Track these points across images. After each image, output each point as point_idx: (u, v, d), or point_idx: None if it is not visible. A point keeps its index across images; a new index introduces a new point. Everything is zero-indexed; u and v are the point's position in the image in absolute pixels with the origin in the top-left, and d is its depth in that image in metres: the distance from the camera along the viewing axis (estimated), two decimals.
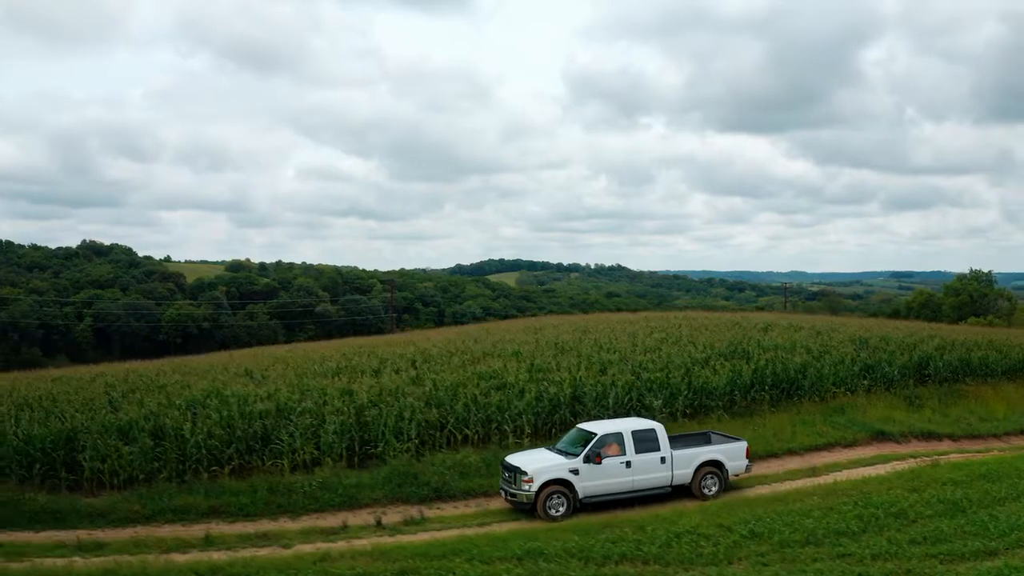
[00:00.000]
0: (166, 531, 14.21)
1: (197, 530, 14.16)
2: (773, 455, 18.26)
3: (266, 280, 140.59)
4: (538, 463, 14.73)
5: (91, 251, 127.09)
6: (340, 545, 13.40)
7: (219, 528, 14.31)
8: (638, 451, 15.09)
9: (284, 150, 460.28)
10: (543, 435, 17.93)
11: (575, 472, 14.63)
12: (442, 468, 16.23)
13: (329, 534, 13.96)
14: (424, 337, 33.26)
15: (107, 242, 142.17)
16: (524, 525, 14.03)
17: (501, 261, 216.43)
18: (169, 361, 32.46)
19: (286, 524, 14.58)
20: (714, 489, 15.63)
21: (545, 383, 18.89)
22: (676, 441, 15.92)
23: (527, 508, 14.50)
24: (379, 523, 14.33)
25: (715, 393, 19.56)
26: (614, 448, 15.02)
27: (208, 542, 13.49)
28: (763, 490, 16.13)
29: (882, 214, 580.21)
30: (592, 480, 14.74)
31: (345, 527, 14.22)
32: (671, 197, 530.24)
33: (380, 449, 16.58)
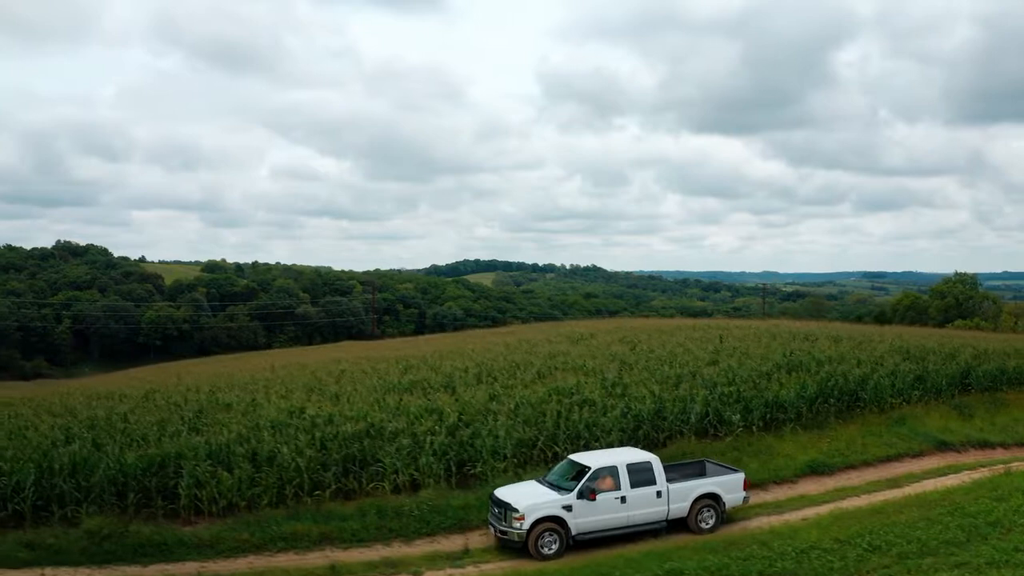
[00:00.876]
0: (283, 560, 13.60)
1: (315, 558, 13.61)
2: (851, 467, 18.40)
3: (245, 281, 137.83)
4: (530, 499, 13.76)
5: (67, 251, 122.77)
6: (471, 571, 13.07)
7: (336, 555, 13.76)
8: (633, 485, 14.19)
9: (257, 150, 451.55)
10: None
11: (568, 508, 13.74)
12: None
13: (454, 559, 13.56)
14: (461, 344, 32.53)
15: (82, 242, 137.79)
16: (655, 545, 13.84)
17: (477, 262, 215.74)
18: (204, 366, 31.32)
19: (402, 549, 14.09)
20: (711, 523, 14.80)
21: (626, 399, 18.68)
22: (670, 471, 15.04)
23: (518, 546, 13.57)
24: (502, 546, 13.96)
25: (785, 406, 19.57)
26: (608, 482, 14.13)
27: (335, 572, 12.96)
28: (859, 502, 16.25)
29: (854, 215, 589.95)
30: (586, 516, 13.84)
31: (467, 551, 13.81)
32: (645, 198, 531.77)
33: (479, 469, 16.18)
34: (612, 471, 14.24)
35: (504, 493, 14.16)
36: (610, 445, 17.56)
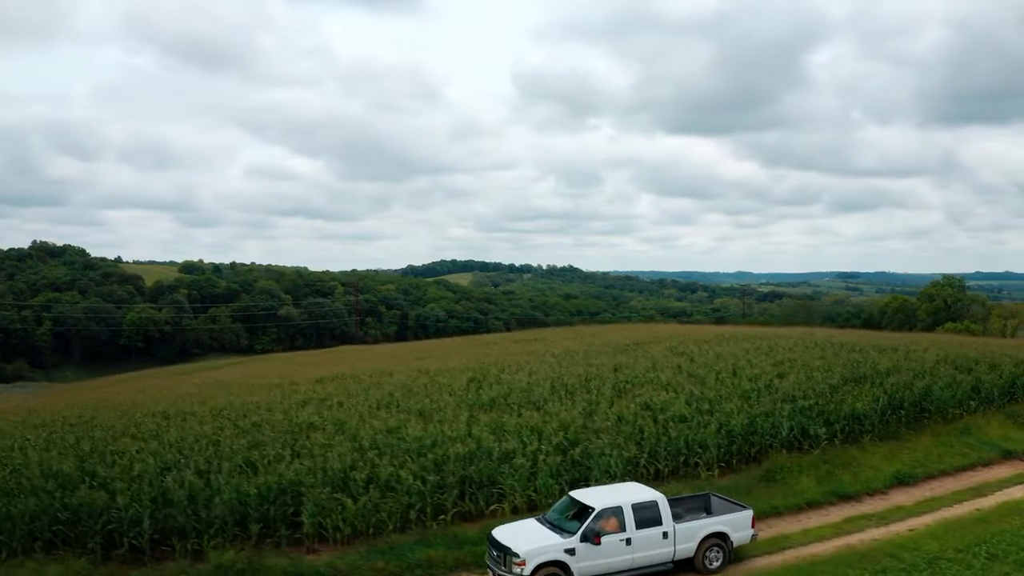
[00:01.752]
0: None
1: None
2: (931, 476, 18.62)
3: (225, 283, 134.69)
4: (531, 543, 12.73)
5: (44, 252, 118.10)
6: None
7: None
8: (639, 526, 13.20)
9: (231, 149, 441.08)
10: (727, 468, 17.65)
11: (571, 552, 12.72)
12: None
13: None
14: (483, 352, 31.78)
15: (57, 242, 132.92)
16: (787, 559, 13.80)
17: (454, 262, 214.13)
18: (217, 372, 30.17)
19: None
20: (717, 563, 13.85)
21: (716, 414, 18.57)
22: (674, 506, 14.08)
23: None
24: None
25: (861, 418, 19.68)
26: (612, 523, 13.12)
27: None
28: (957, 512, 16.47)
29: (827, 215, 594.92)
30: (589, 560, 12.81)
31: None
32: (619, 198, 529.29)
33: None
34: (617, 511, 13.22)
35: (503, 535, 13.13)
36: (709, 463, 17.45)
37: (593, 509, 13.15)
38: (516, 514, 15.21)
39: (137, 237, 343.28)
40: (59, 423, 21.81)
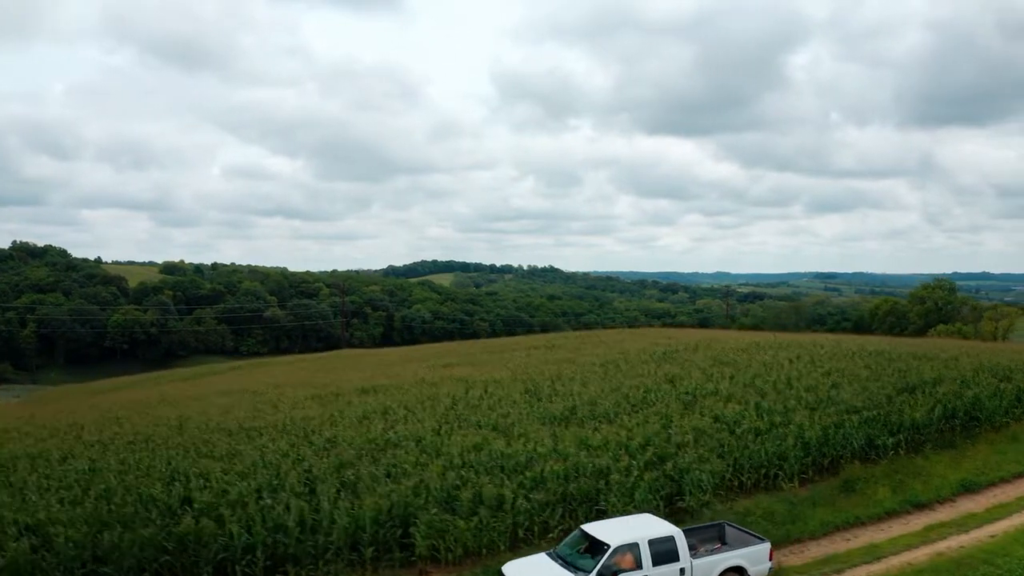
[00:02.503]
0: None
1: None
2: (993, 484, 18.97)
3: (210, 284, 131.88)
4: None
5: (25, 252, 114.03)
6: None
7: None
8: (655, 562, 12.54)
9: (209, 148, 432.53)
10: (805, 479, 17.73)
11: None
12: (753, 518, 15.68)
13: None
14: (501, 356, 31.42)
15: (35, 242, 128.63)
16: (888, 568, 13.88)
17: (435, 263, 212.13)
18: (226, 379, 29.36)
19: None
20: None
21: (791, 426, 18.63)
22: (688, 536, 13.54)
23: None
24: None
25: (920, 428, 19.94)
26: (627, 560, 12.45)
27: None
28: None
29: (805, 216, 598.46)
30: None
31: None
32: (598, 198, 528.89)
33: (688, 502, 15.81)
34: (633, 548, 12.57)
35: (514, 572, 12.45)
36: (790, 475, 17.48)
37: (609, 546, 12.49)
38: None
39: (114, 237, 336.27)
40: (116, 441, 20.97)
